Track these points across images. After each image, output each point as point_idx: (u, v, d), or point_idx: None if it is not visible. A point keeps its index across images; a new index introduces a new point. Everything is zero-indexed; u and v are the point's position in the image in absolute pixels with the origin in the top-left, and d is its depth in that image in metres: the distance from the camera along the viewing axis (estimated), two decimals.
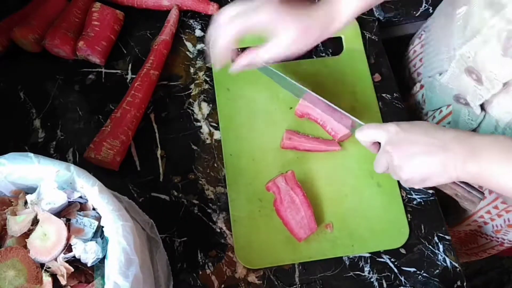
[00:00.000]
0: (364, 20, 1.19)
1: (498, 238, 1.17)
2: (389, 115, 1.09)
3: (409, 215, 1.01)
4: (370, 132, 0.89)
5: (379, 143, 0.89)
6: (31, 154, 0.71)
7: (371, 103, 1.11)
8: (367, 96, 1.11)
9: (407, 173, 0.83)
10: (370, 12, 1.20)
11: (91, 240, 0.70)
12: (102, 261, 0.71)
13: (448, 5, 1.07)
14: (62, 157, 1.04)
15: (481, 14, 0.89)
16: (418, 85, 1.18)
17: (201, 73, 1.12)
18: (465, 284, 0.97)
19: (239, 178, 1.03)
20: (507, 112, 0.91)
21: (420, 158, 0.80)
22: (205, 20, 1.18)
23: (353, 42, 1.16)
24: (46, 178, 0.72)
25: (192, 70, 1.13)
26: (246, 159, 1.04)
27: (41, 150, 1.04)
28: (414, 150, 0.81)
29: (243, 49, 0.96)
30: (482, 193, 0.88)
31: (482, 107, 0.95)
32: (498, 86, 0.87)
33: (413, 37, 1.24)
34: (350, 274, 0.97)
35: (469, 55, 0.91)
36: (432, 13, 1.16)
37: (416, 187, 0.86)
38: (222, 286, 0.95)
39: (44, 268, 0.69)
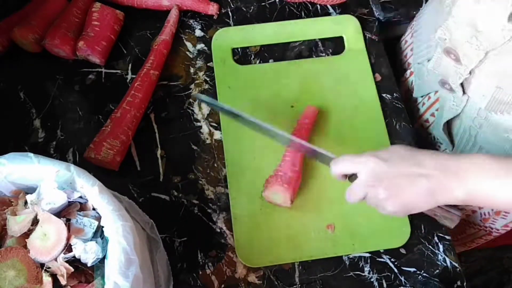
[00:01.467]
0: (364, 20, 1.19)
1: (486, 227, 1.18)
2: (389, 115, 1.09)
3: (409, 215, 1.01)
4: (346, 166, 0.87)
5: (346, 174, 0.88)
6: (31, 154, 0.71)
7: (373, 102, 1.11)
8: (369, 95, 1.11)
9: (395, 206, 0.82)
10: (370, 12, 1.20)
11: (91, 240, 0.70)
12: (102, 261, 0.71)
13: None
14: (62, 157, 1.03)
15: None
16: (408, 72, 1.19)
17: (201, 73, 1.12)
18: (465, 284, 0.97)
19: (240, 176, 1.03)
20: (483, 95, 0.93)
21: (406, 190, 0.80)
22: (205, 20, 1.18)
23: (355, 41, 1.16)
24: (46, 178, 0.72)
25: (192, 70, 1.13)
26: (247, 158, 1.04)
27: (41, 150, 1.04)
28: (400, 182, 0.80)
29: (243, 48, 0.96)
30: (460, 211, 0.89)
31: (463, 89, 0.96)
32: (478, 57, 0.88)
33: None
34: (350, 274, 0.97)
35: (445, 37, 0.93)
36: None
37: (401, 216, 0.87)
38: (222, 286, 0.95)
39: (44, 268, 0.69)
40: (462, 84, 0.96)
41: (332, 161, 0.89)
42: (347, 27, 1.17)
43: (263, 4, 1.20)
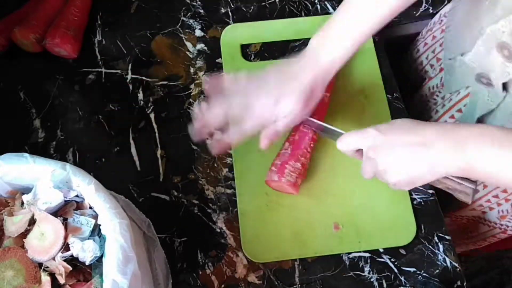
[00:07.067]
0: None
1: (502, 224, 1.16)
2: (390, 115, 1.09)
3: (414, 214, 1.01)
4: (350, 140, 0.86)
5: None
6: (26, 154, 0.71)
7: (380, 101, 1.11)
8: (376, 93, 1.11)
9: (394, 177, 0.80)
10: None
11: (88, 239, 0.70)
12: (100, 259, 0.71)
13: None
14: (62, 157, 1.04)
15: None
16: (437, 67, 1.17)
17: (201, 73, 1.12)
18: (465, 284, 0.96)
19: (247, 172, 1.03)
20: None
21: (404, 160, 0.77)
22: (205, 20, 1.18)
23: None
24: (42, 177, 0.72)
25: (192, 70, 1.13)
26: (254, 154, 1.04)
27: (41, 150, 1.04)
28: (397, 152, 0.78)
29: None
30: (475, 183, 0.84)
31: (505, 86, 0.92)
32: None
33: (428, 25, 1.22)
34: (350, 274, 0.97)
35: (504, 29, 0.88)
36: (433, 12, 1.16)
37: (406, 189, 0.83)
38: (222, 286, 0.95)
39: (43, 267, 0.69)
40: (504, 83, 0.92)
41: (338, 138, 0.88)
42: None
43: (263, 4, 1.20)
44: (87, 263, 0.70)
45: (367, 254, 0.98)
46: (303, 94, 0.88)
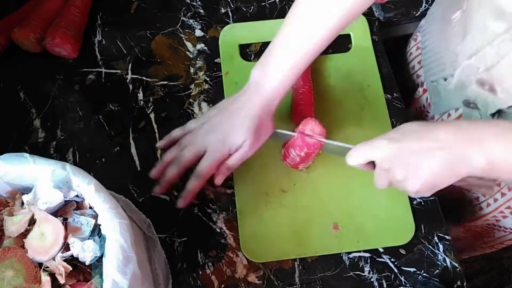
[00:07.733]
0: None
1: None
2: (389, 115, 1.09)
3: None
4: (360, 154, 0.82)
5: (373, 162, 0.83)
6: (26, 154, 0.71)
7: (379, 100, 1.11)
8: (375, 92, 1.11)
9: (415, 185, 0.76)
10: (370, 12, 1.20)
11: (88, 239, 0.70)
12: (100, 259, 0.71)
13: (440, 8, 1.06)
14: (62, 157, 1.04)
15: (485, 23, 0.84)
16: (420, 89, 1.17)
17: (201, 73, 1.12)
18: (465, 284, 0.96)
19: (246, 172, 1.03)
20: None
21: (423, 167, 0.74)
22: (205, 20, 1.18)
23: (362, 39, 1.16)
24: (42, 177, 0.72)
25: (192, 70, 1.13)
26: (253, 154, 1.04)
27: (41, 150, 1.04)
28: (415, 159, 0.74)
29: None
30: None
31: (493, 114, 0.89)
32: None
33: (409, 39, 1.23)
34: (350, 274, 0.97)
35: (479, 66, 0.87)
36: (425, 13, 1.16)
37: (428, 194, 0.79)
38: (222, 286, 0.95)
39: (43, 267, 0.69)
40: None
41: (346, 154, 0.84)
42: (354, 26, 1.16)
43: (263, 4, 1.20)
44: (87, 263, 0.70)
45: (367, 254, 0.98)
46: (252, 125, 0.90)
